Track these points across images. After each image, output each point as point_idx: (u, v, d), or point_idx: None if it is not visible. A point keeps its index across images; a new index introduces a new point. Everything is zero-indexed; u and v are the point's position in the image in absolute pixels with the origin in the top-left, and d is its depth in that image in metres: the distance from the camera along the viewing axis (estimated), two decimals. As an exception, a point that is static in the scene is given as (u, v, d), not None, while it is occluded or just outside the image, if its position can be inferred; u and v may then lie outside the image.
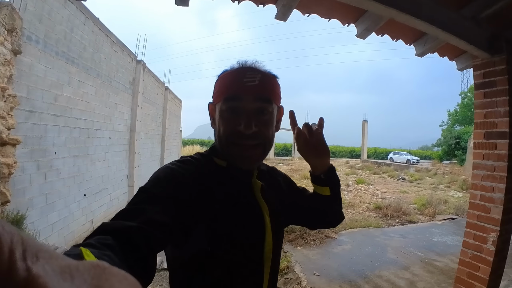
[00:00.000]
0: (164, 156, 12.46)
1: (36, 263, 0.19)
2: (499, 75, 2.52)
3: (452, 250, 4.67)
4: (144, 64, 8.92)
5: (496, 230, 2.52)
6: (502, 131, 2.53)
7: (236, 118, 0.79)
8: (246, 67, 0.82)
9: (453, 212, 8.07)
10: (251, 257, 0.82)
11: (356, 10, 2.16)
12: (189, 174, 0.78)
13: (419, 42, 2.67)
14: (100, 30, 6.47)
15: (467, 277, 2.69)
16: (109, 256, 0.44)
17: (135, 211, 0.63)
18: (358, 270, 3.67)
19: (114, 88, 7.18)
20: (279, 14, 1.96)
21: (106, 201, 6.87)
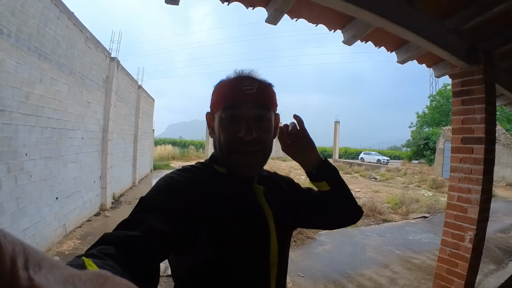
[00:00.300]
0: (137, 156, 12.16)
1: (39, 273, 0.19)
2: (476, 84, 2.67)
3: (427, 247, 4.89)
4: (118, 62, 8.66)
5: (473, 229, 2.66)
6: (479, 137, 2.68)
7: (236, 126, 0.80)
8: (244, 76, 0.84)
9: (425, 210, 8.37)
10: (257, 263, 0.82)
11: (343, 17, 2.22)
12: (189, 182, 0.79)
13: (401, 50, 2.78)
14: (74, 25, 6.19)
15: (446, 273, 2.83)
16: (112, 265, 0.45)
17: (137, 221, 0.63)
18: (341, 270, 3.76)
19: (87, 86, 6.91)
20: (270, 18, 1.98)
21: (79, 204, 6.59)
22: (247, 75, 0.84)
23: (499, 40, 2.61)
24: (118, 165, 9.49)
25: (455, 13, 2.29)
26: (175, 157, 26.20)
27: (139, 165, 12.68)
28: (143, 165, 14.00)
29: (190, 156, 28.25)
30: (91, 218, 6.94)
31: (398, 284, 3.31)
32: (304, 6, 2.03)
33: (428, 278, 3.45)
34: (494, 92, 2.84)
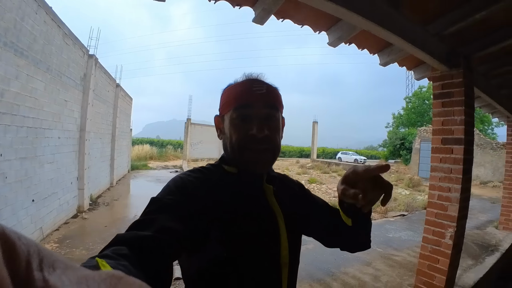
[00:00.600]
0: (114, 156, 11.91)
1: (53, 274, 0.20)
2: (456, 87, 2.78)
3: (407, 244, 5.04)
4: (96, 59, 8.44)
5: (453, 226, 2.76)
6: (458, 138, 2.78)
7: (247, 124, 0.82)
8: (253, 78, 0.87)
9: (403, 209, 8.58)
10: (268, 263, 0.82)
11: (329, 19, 2.26)
12: (199, 183, 0.80)
13: (384, 53, 2.85)
14: (52, 21, 6.00)
15: (427, 269, 2.92)
16: (125, 265, 0.45)
17: (148, 221, 0.64)
18: (325, 269, 3.81)
19: (65, 84, 6.70)
20: (257, 18, 1.98)
21: (56, 206, 6.38)
22: (256, 78, 0.87)
23: (478, 45, 2.71)
24: (95, 165, 9.27)
25: (437, 18, 2.37)
26: (153, 157, 25.86)
27: (117, 166, 12.44)
28: (120, 166, 13.74)
29: (168, 156, 27.94)
30: (68, 220, 6.76)
31: (381, 281, 3.39)
32: (292, 6, 2.04)
33: (409, 274, 3.55)
34: (473, 95, 2.96)
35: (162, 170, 18.90)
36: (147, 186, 12.30)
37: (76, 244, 5.24)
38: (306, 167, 21.83)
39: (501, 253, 4.62)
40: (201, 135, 26.09)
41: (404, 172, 19.58)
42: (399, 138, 25.47)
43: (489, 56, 3.02)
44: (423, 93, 29.59)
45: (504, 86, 4.20)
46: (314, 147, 31.60)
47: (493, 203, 9.85)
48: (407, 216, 7.88)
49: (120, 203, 8.94)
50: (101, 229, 6.17)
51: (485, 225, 6.60)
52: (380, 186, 0.74)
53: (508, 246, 4.98)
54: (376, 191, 0.74)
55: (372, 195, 0.74)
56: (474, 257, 4.38)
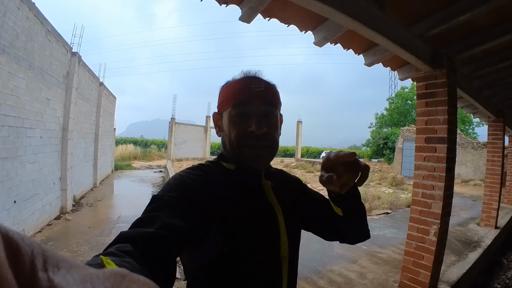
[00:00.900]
0: (98, 156, 11.70)
1: (57, 274, 0.20)
2: (439, 87, 2.84)
3: (391, 242, 5.12)
4: (79, 57, 8.23)
5: (437, 223, 2.83)
6: (442, 137, 2.85)
7: (246, 121, 0.83)
8: (251, 76, 0.87)
9: (387, 207, 8.65)
10: (268, 258, 0.83)
11: (315, 19, 2.29)
12: (199, 179, 0.81)
13: (369, 53, 2.90)
14: (35, 17, 5.81)
15: (412, 266, 2.98)
16: (130, 262, 0.46)
17: (151, 218, 0.64)
18: (311, 267, 3.82)
19: (47, 82, 6.49)
20: (244, 16, 1.99)
21: (38, 208, 6.21)
22: (254, 75, 0.88)
23: (461, 47, 2.79)
24: (78, 165, 9.08)
25: (422, 20, 2.42)
26: (136, 157, 25.55)
27: (100, 166, 12.21)
28: (104, 166, 13.51)
29: (152, 156, 27.65)
30: (51, 222, 6.60)
31: (367, 278, 3.44)
32: (279, 5, 2.06)
33: (395, 271, 3.61)
34: (455, 95, 3.03)
35: (146, 170, 18.65)
36: (131, 187, 12.12)
37: (59, 246, 5.13)
38: (291, 166, 21.91)
39: (483, 249, 4.76)
40: (186, 135, 25.90)
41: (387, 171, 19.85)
42: (382, 138, 25.80)
43: (472, 57, 3.10)
44: (406, 93, 30.13)
45: (485, 87, 4.32)
46: (298, 147, 31.76)
47: (474, 200, 10.11)
48: (391, 214, 7.96)
49: (104, 203, 8.78)
50: (84, 230, 6.05)
51: (467, 222, 6.74)
52: (355, 169, 0.75)
53: (490, 242, 5.13)
54: (349, 173, 0.75)
55: (346, 177, 0.75)
56: (457, 253, 4.48)
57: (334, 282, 3.35)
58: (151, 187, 11.91)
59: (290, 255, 0.87)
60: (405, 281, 3.06)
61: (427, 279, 2.87)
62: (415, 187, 3.07)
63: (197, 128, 27.94)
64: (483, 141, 16.09)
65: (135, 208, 7.99)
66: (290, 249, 0.87)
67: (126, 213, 7.52)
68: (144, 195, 9.95)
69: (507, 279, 4.85)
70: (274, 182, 0.93)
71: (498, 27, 2.50)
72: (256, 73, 0.88)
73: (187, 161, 22.42)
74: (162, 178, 14.61)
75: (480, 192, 9.51)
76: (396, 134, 23.63)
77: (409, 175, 16.87)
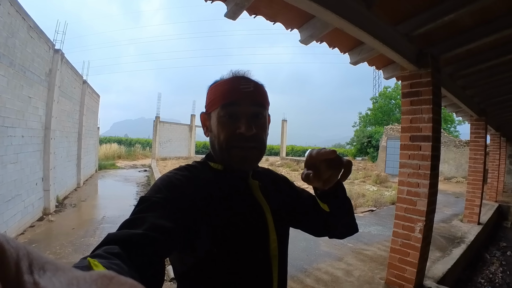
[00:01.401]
0: (81, 155, 11.49)
1: (43, 276, 0.20)
2: (424, 86, 2.88)
3: (377, 239, 5.16)
4: (62, 54, 8.03)
5: (422, 220, 2.87)
6: (426, 135, 2.89)
7: (235, 122, 0.82)
8: (240, 76, 0.86)
9: (371, 204, 8.72)
10: (257, 256, 0.83)
11: (301, 17, 2.29)
12: (186, 180, 0.80)
13: (354, 52, 2.92)
14: (17, 12, 5.63)
15: (398, 263, 3.02)
16: (118, 264, 0.45)
17: (139, 220, 0.64)
18: (297, 265, 3.82)
19: (29, 79, 6.30)
20: (229, 13, 1.98)
21: (20, 209, 6.03)
22: (243, 75, 0.87)
23: (445, 47, 2.83)
24: (61, 165, 8.90)
25: (407, 19, 2.44)
26: (121, 156, 25.26)
27: (84, 165, 12.00)
28: (88, 165, 13.28)
29: (137, 155, 27.39)
30: (34, 223, 6.44)
31: (353, 275, 3.46)
32: (265, 2, 2.05)
33: (381, 268, 3.64)
34: (440, 94, 3.08)
35: (130, 169, 18.43)
36: (116, 186, 11.94)
37: (42, 248, 5.01)
38: (276, 165, 21.97)
39: (467, 244, 4.86)
40: (170, 134, 25.67)
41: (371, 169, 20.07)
42: (366, 136, 26.03)
43: (456, 57, 3.15)
44: (389, 93, 30.60)
45: (468, 87, 4.40)
46: (283, 145, 31.85)
47: (457, 197, 10.29)
48: (375, 211, 8.01)
49: (88, 204, 8.63)
50: (68, 231, 5.93)
51: (450, 218, 6.87)
52: (337, 166, 0.79)
53: (473, 238, 5.25)
54: (331, 170, 0.79)
55: (328, 174, 0.79)
56: (441, 249, 4.56)
57: (321, 280, 3.37)
58: (136, 186, 11.77)
59: (279, 253, 0.87)
60: (391, 278, 3.09)
61: (413, 275, 2.91)
62: (400, 185, 3.10)
63: (182, 127, 27.73)
64: (465, 140, 16.44)
65: (120, 208, 7.88)
66: (280, 247, 0.87)
67: (110, 214, 7.40)
68: (128, 195, 9.84)
69: (491, 274, 4.98)
70: (261, 181, 0.93)
71: (482, 28, 2.54)
72: (245, 73, 0.87)
73: (172, 160, 22.26)
74: (147, 177, 14.46)
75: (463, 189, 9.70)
76: (380, 133, 23.90)
77: (392, 173, 17.12)
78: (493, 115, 6.67)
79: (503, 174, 10.91)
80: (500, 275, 4.97)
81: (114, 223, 6.62)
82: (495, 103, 5.65)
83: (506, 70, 3.63)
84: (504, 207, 8.83)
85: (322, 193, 0.91)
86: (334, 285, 3.24)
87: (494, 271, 5.14)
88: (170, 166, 16.92)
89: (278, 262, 0.87)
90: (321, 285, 3.23)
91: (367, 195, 10.14)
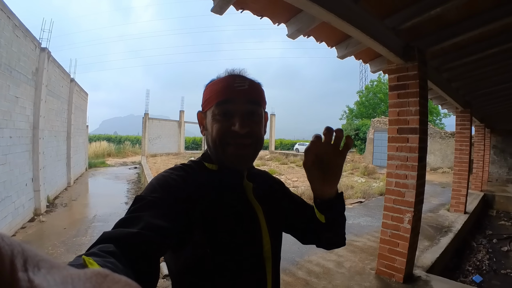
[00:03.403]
0: (70, 154, 11.33)
1: (38, 274, 0.19)
2: (411, 79, 2.92)
3: (366, 230, 5.21)
4: (49, 52, 7.88)
5: (411, 211, 2.93)
6: (413, 127, 2.94)
7: (229, 120, 0.82)
8: (235, 74, 0.86)
9: (360, 196, 8.86)
10: (251, 258, 0.84)
11: (289, 11, 2.29)
12: (181, 180, 0.80)
13: (341, 46, 2.93)
14: (1, 11, 5.52)
15: (388, 253, 3.09)
16: (113, 263, 0.45)
17: (134, 219, 0.64)
18: (289, 258, 3.82)
19: (15, 79, 6.18)
20: (216, 8, 1.97)
21: (11, 211, 5.91)
22: (238, 74, 0.87)
23: (431, 40, 2.87)
24: (51, 165, 8.77)
25: (394, 13, 2.47)
26: (110, 154, 25.08)
27: (74, 164, 11.86)
28: (77, 164, 13.13)
29: (126, 152, 27.18)
30: (25, 225, 6.35)
31: (344, 267, 3.51)
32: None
33: (371, 259, 3.70)
34: (426, 87, 3.13)
35: (120, 167, 18.27)
36: (106, 184, 11.87)
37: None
38: (265, 158, 22.01)
39: (454, 233, 4.98)
40: (159, 130, 25.51)
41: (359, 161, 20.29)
42: (354, 129, 26.18)
43: (442, 51, 3.20)
44: (374, 87, 30.94)
45: (454, 80, 4.48)
46: (272, 139, 31.88)
47: (443, 187, 10.47)
48: (364, 202, 8.12)
49: (79, 203, 8.56)
50: (60, 231, 5.88)
51: (437, 208, 7.00)
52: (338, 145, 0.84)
53: (460, 227, 5.38)
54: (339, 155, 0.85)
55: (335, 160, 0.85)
56: (429, 238, 4.65)
57: (313, 272, 3.41)
58: (126, 184, 11.70)
59: (273, 254, 0.88)
60: (381, 268, 3.16)
61: (403, 265, 2.98)
62: (389, 176, 3.15)
63: (171, 123, 27.56)
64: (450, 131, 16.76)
65: (111, 206, 7.83)
66: (273, 249, 0.88)
67: (101, 212, 7.36)
68: (119, 193, 9.78)
69: (478, 261, 5.11)
70: (256, 183, 0.93)
71: (468, 22, 2.59)
72: (240, 72, 0.87)
73: (162, 156, 22.14)
74: (137, 174, 14.38)
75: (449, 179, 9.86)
76: (367, 125, 24.13)
77: (380, 165, 17.41)
78: (478, 107, 6.80)
79: (488, 164, 11.18)
80: (487, 262, 5.12)
81: (106, 222, 6.59)
82: (480, 95, 5.76)
83: (490, 63, 3.71)
84: (489, 196, 9.08)
85: (323, 204, 0.90)
86: (325, 276, 3.29)
87: (481, 258, 5.28)
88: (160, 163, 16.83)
89: (272, 264, 0.88)
90: (313, 277, 3.27)
91: (355, 186, 10.25)
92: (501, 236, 6.48)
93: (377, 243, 3.32)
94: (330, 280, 3.21)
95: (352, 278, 3.23)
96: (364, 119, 28.74)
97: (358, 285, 3.06)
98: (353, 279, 3.19)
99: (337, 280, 3.20)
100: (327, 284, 3.12)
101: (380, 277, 3.16)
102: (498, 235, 6.58)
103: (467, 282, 4.41)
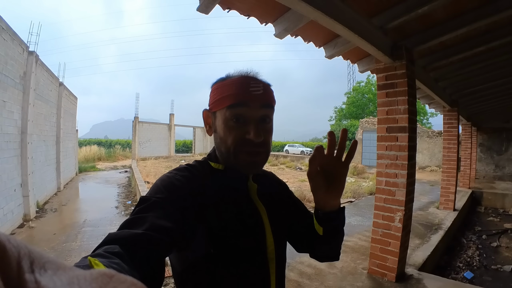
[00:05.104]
0: (60, 159, 11.18)
1: (44, 275, 0.20)
2: (399, 78, 2.93)
3: (357, 229, 5.23)
4: (37, 56, 7.75)
5: (401, 210, 2.94)
6: (402, 126, 2.95)
7: (243, 126, 0.80)
8: (249, 77, 0.83)
9: (350, 195, 8.88)
10: (255, 259, 0.83)
11: (276, 10, 2.28)
12: (186, 180, 0.80)
13: (329, 45, 2.93)
14: None
15: (380, 252, 3.09)
16: (118, 263, 0.46)
17: (139, 220, 0.64)
18: None
19: (2, 83, 6.01)
20: (201, 7, 1.95)
21: None
22: (253, 76, 0.84)
23: (419, 39, 2.89)
24: (40, 170, 8.63)
25: (381, 12, 2.48)
26: (101, 158, 24.80)
27: (63, 169, 11.67)
28: (67, 169, 12.94)
29: (117, 156, 26.94)
30: (14, 231, 6.22)
31: (336, 267, 3.50)
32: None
33: (363, 258, 3.71)
34: (415, 85, 3.15)
35: (111, 170, 18.10)
36: (97, 189, 11.69)
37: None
38: (255, 160, 22.02)
39: (444, 230, 5.04)
40: (150, 134, 25.39)
41: (348, 160, 20.46)
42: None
43: (429, 50, 3.23)
44: (362, 87, 31.23)
45: (441, 79, 4.53)
46: (262, 141, 31.84)
47: (432, 185, 10.60)
48: (354, 202, 8.16)
49: (69, 208, 8.42)
50: (50, 237, 5.77)
51: (427, 206, 7.07)
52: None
53: (450, 224, 5.43)
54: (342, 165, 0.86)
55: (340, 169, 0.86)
56: (420, 236, 4.69)
57: (305, 273, 3.40)
58: (117, 188, 11.55)
59: (277, 256, 0.87)
60: (373, 268, 3.16)
61: (395, 264, 2.98)
62: (379, 176, 3.16)
63: (161, 126, 27.44)
64: (437, 130, 17.04)
65: (101, 211, 7.73)
66: (277, 250, 0.87)
67: (91, 217, 7.23)
68: (110, 197, 9.64)
69: (468, 258, 5.17)
70: (261, 184, 0.92)
71: (454, 21, 2.62)
72: (254, 74, 0.85)
73: (152, 160, 21.99)
74: (128, 178, 14.22)
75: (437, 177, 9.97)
76: (355, 126, 24.35)
77: (369, 164, 17.62)
78: (465, 105, 6.90)
79: (475, 162, 11.37)
80: (477, 258, 5.18)
81: (96, 226, 6.48)
82: (466, 94, 5.84)
83: (476, 62, 3.76)
84: (477, 193, 9.22)
85: (324, 214, 0.89)
86: (318, 278, 3.28)
87: (471, 254, 5.34)
88: (151, 166, 16.69)
89: (276, 265, 0.86)
90: (305, 279, 3.26)
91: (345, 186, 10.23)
92: (490, 232, 6.58)
93: (369, 243, 3.32)
94: (322, 281, 3.19)
95: (344, 278, 3.22)
96: (352, 120, 28.96)
97: (351, 285, 3.06)
98: (345, 280, 3.19)
99: (329, 281, 3.19)
100: (319, 285, 3.11)
101: (373, 276, 3.16)
102: (487, 231, 6.68)
103: (458, 278, 4.46)
